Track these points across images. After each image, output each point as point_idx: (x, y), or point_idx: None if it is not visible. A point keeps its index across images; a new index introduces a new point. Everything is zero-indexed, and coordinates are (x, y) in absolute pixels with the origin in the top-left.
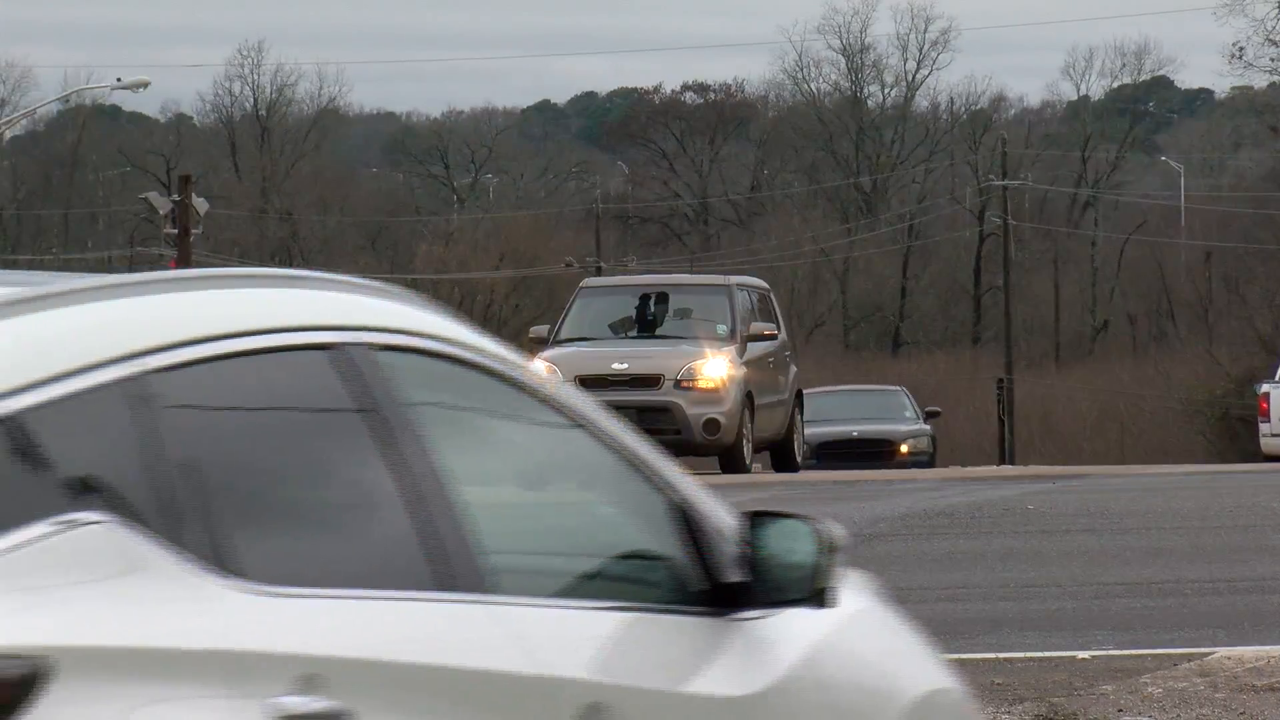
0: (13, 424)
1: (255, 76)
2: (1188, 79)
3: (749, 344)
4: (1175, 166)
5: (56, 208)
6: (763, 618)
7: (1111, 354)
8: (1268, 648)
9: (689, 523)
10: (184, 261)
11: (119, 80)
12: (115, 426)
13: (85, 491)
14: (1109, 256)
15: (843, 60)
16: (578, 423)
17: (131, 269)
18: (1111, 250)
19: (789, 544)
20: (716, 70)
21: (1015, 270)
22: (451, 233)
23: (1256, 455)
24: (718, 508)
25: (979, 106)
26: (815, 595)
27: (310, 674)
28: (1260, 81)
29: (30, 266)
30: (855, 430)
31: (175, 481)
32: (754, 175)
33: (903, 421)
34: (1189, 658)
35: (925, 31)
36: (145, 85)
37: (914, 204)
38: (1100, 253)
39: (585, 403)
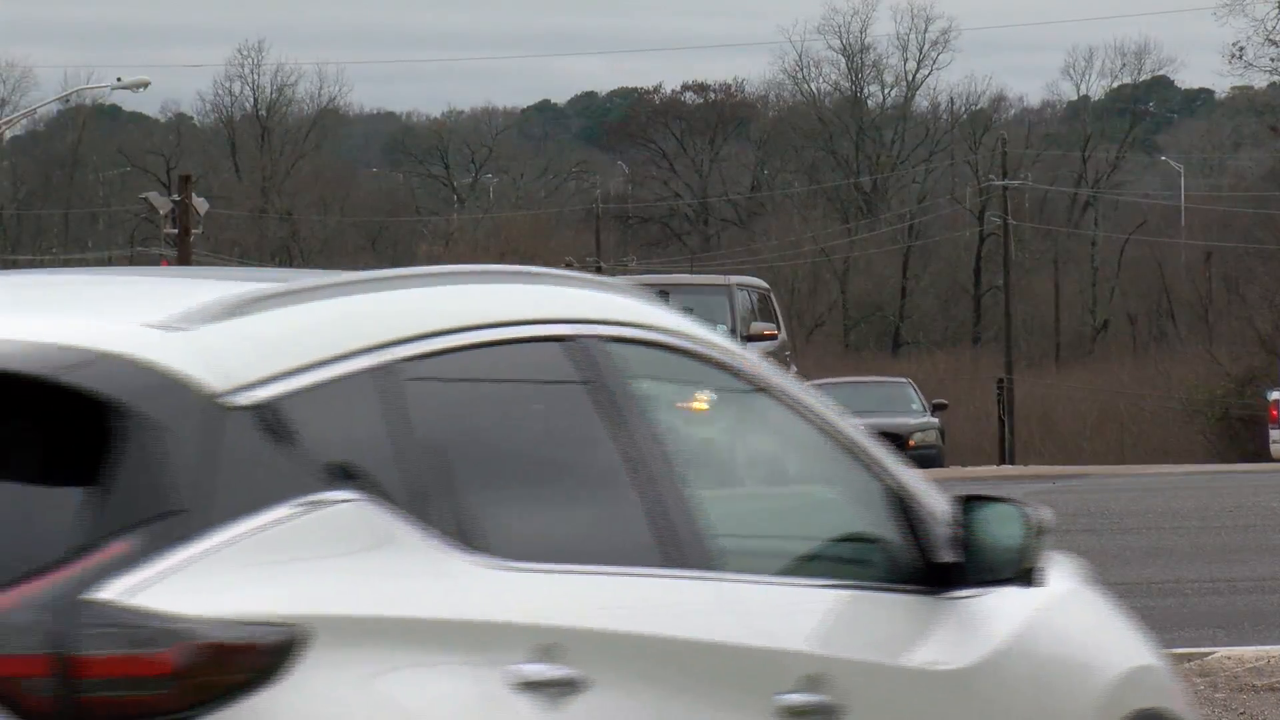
0: (272, 409)
1: (255, 76)
2: (1188, 79)
3: (749, 344)
4: (1175, 166)
5: (56, 208)
6: (974, 596)
7: (1111, 354)
8: (1268, 648)
9: (905, 507)
10: (184, 262)
11: (119, 80)
12: (367, 412)
13: (338, 471)
14: (1109, 256)
15: (843, 60)
16: (798, 411)
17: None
18: (1111, 250)
19: (999, 527)
20: (716, 70)
21: (1015, 270)
22: (451, 233)
23: (1258, 456)
24: (932, 492)
25: (979, 106)
26: (1024, 575)
27: (548, 643)
28: (1260, 81)
29: (30, 266)
30: (861, 423)
31: (422, 463)
32: (754, 175)
33: (910, 414)
34: (1189, 658)
35: (925, 31)
36: (145, 85)
37: (914, 204)
38: (1100, 253)
39: (805, 392)
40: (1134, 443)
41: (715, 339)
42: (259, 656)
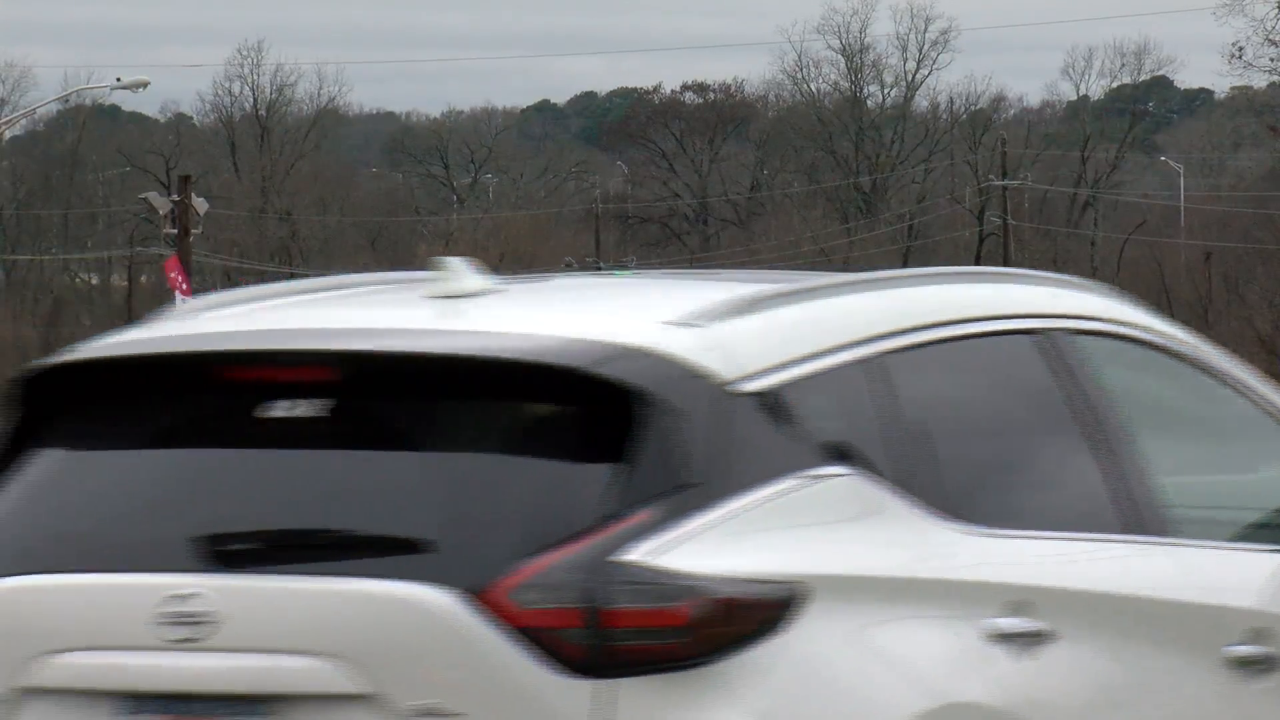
0: (775, 395)
1: (255, 76)
2: (1188, 79)
3: None
4: (1175, 166)
5: (56, 208)
6: None
7: None
8: None
9: None
10: (184, 262)
11: (119, 80)
12: (858, 397)
13: (833, 450)
14: (1109, 256)
15: (842, 60)
16: (1248, 395)
17: (131, 269)
18: (1111, 250)
19: None
20: (716, 70)
21: None
22: (451, 233)
23: None
24: None
25: (979, 106)
26: None
27: (1020, 600)
28: (1260, 81)
29: (30, 266)
30: None
31: (907, 442)
32: (754, 175)
33: None
34: None
35: (925, 31)
36: (145, 85)
37: (914, 204)
38: (1100, 253)
39: (1254, 378)
40: None
41: (1178, 332)
42: (765, 610)
